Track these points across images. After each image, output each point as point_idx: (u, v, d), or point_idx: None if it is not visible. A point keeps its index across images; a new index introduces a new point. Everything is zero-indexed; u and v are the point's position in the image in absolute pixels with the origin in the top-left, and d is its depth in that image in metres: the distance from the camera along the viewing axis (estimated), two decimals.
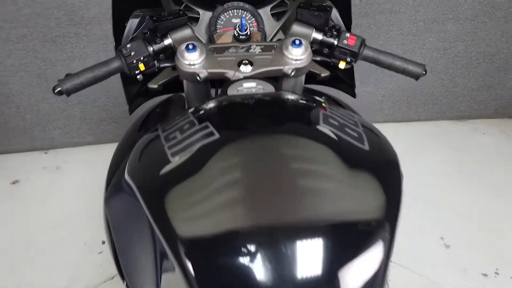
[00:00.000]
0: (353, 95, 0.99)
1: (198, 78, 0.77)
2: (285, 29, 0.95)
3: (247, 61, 0.77)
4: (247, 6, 0.90)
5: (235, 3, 0.90)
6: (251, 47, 0.81)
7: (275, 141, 0.56)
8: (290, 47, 0.78)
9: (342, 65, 0.85)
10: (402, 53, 2.31)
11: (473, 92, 2.51)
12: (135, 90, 0.96)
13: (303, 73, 0.81)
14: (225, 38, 0.88)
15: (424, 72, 0.83)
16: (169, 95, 1.06)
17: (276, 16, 0.95)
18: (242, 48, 0.81)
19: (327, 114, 0.61)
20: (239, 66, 0.77)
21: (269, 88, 0.73)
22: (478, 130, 2.53)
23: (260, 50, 0.80)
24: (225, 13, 0.90)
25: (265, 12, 0.93)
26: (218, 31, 0.89)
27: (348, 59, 0.84)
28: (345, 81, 0.99)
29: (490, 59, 2.38)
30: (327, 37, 0.84)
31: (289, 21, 0.94)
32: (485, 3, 2.16)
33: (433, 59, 2.33)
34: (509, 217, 1.89)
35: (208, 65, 0.77)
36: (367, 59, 0.85)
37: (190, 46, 0.76)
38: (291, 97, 0.68)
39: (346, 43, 0.82)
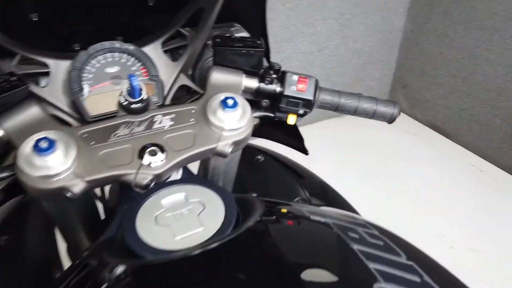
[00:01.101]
0: (305, 151, 0.73)
1: (69, 194, 0.42)
2: (186, 69, 0.65)
3: (154, 148, 0.46)
4: (126, 46, 0.57)
5: (106, 44, 0.56)
6: (154, 119, 0.49)
7: None
8: (219, 112, 0.49)
9: (292, 119, 0.57)
10: (280, 61, 2.17)
11: (348, 88, 2.52)
12: None
13: (245, 144, 0.52)
14: (102, 101, 0.54)
15: (398, 113, 0.61)
16: (13, 200, 0.65)
17: (171, 53, 0.65)
18: (140, 124, 0.48)
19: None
20: (141, 158, 0.45)
21: (213, 199, 0.41)
22: (358, 124, 2.56)
23: (172, 123, 0.49)
24: (92, 61, 0.56)
25: (154, 51, 0.60)
26: (86, 90, 0.55)
27: (301, 111, 0.57)
28: (279, 129, 0.73)
29: (358, 54, 2.41)
30: (265, 83, 0.56)
31: (191, 59, 0.64)
32: (347, 0, 2.16)
33: (309, 62, 2.26)
34: (412, 211, 1.88)
35: (86, 168, 0.43)
36: (324, 106, 0.59)
37: (43, 144, 0.40)
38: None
39: (295, 89, 0.55)
